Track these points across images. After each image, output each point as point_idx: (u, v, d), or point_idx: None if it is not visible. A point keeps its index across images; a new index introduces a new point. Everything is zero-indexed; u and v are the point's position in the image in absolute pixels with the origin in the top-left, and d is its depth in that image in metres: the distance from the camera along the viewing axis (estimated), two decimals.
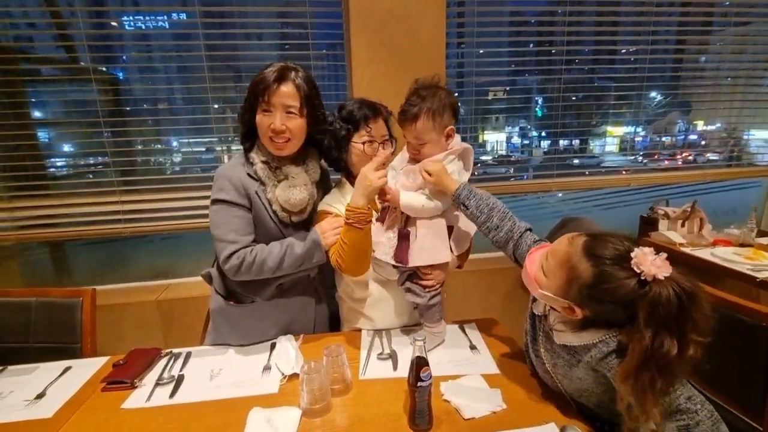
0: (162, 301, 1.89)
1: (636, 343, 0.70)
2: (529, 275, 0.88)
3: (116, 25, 1.95)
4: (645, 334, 0.68)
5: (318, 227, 1.15)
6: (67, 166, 2.08)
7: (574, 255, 0.78)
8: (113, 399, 1.01)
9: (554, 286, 0.81)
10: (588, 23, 2.23)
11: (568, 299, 0.80)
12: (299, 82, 1.09)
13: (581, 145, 2.51)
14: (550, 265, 0.83)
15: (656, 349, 0.67)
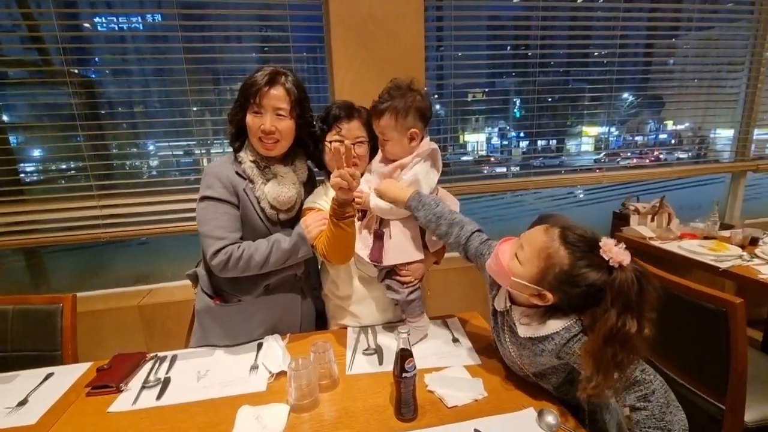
0: (144, 306, 1.87)
1: (602, 324, 0.76)
2: (500, 265, 0.89)
3: (89, 27, 1.92)
4: (611, 315, 0.75)
5: (302, 222, 1.17)
6: (43, 171, 2.03)
7: (552, 244, 0.83)
8: (99, 403, 1.00)
9: (529, 273, 0.85)
10: (561, 28, 2.31)
11: (541, 286, 0.84)
12: (289, 86, 1.12)
13: (558, 144, 2.60)
14: (526, 254, 0.86)
15: (620, 327, 0.74)
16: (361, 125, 1.21)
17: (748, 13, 2.40)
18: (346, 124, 1.19)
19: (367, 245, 1.17)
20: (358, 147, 1.20)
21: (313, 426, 0.90)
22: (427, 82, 2.01)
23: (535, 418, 0.87)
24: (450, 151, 2.47)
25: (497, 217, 2.49)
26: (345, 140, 1.18)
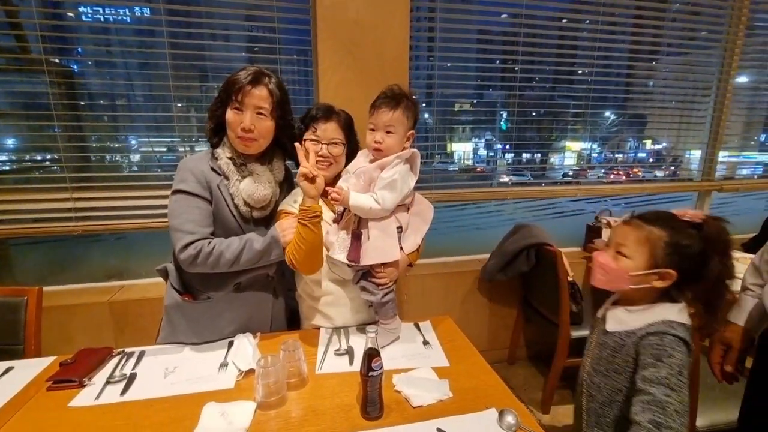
0: (114, 303, 1.83)
1: (709, 271, 0.88)
2: (612, 271, 0.94)
3: (72, 16, 1.89)
4: (715, 262, 0.87)
5: (278, 225, 1.18)
6: (16, 161, 1.98)
7: (643, 229, 0.92)
8: (59, 398, 0.98)
9: (641, 262, 0.91)
10: (548, 45, 2.39)
11: (658, 267, 0.90)
12: (272, 87, 1.14)
13: (542, 157, 2.68)
14: (629, 249, 0.93)
15: (723, 269, 0.88)
16: (338, 127, 1.24)
17: (717, 42, 2.53)
18: (323, 124, 1.21)
19: (345, 246, 1.18)
20: (332, 147, 1.22)
21: (279, 423, 0.90)
22: (414, 90, 2.06)
23: (495, 418, 0.89)
24: (437, 159, 2.52)
25: (476, 225, 2.53)
26: (320, 140, 1.20)
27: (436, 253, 2.37)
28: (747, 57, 2.56)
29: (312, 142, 1.20)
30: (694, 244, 0.88)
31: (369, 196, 1.15)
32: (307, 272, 1.21)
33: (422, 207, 1.29)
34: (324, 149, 1.21)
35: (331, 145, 1.21)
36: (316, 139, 1.20)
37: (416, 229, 1.26)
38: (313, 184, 1.11)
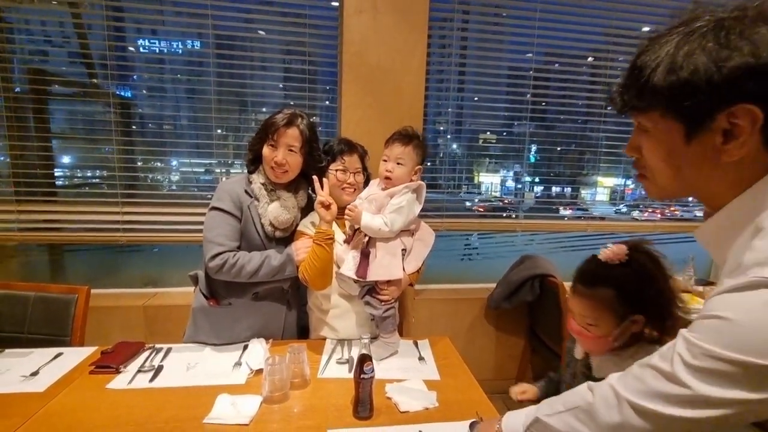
0: (148, 307, 2.02)
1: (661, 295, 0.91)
2: (592, 341, 0.97)
3: (133, 49, 2.20)
4: (659, 284, 0.90)
5: (293, 245, 1.35)
6: (77, 177, 2.27)
7: (587, 296, 0.95)
8: (99, 380, 1.15)
9: (608, 325, 0.93)
10: (581, 81, 2.48)
11: (624, 320, 0.91)
12: (303, 127, 1.34)
13: (572, 192, 2.75)
14: (589, 318, 0.95)
15: (654, 286, 0.90)
16: (358, 158, 1.42)
17: None
18: (348, 156, 1.40)
19: (354, 264, 1.33)
20: (357, 176, 1.41)
21: (281, 415, 1.02)
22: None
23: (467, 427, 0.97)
24: (464, 190, 2.67)
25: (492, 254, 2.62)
26: (348, 170, 1.38)
27: (443, 280, 2.46)
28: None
29: (341, 172, 1.38)
30: (634, 280, 0.91)
31: (380, 218, 1.30)
32: (318, 288, 1.36)
33: (425, 233, 1.43)
34: (351, 177, 1.38)
35: (356, 174, 1.39)
36: (344, 169, 1.38)
37: (418, 252, 1.39)
38: (328, 210, 1.29)
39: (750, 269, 0.48)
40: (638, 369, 0.58)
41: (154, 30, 2.29)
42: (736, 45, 0.48)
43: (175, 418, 1.00)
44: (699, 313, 0.53)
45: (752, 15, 0.50)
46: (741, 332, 0.47)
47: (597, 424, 0.61)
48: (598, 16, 2.34)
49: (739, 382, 0.47)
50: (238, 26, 2.11)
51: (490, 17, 2.36)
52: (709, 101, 0.51)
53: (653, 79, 0.53)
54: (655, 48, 0.54)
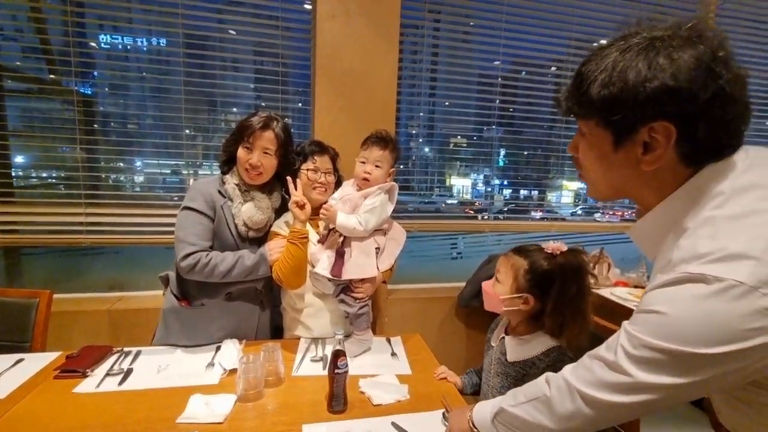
0: (113, 311, 1.96)
1: (555, 290, 1.05)
2: (489, 295, 1.16)
3: (95, 45, 2.12)
4: (558, 283, 1.05)
5: (267, 245, 1.37)
6: (36, 177, 2.17)
7: (510, 259, 1.13)
8: (65, 385, 1.12)
9: (508, 287, 1.11)
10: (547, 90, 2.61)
11: (520, 292, 1.09)
12: (278, 131, 1.36)
13: (539, 195, 2.89)
14: (501, 276, 1.14)
15: (566, 290, 1.05)
16: (329, 159, 1.45)
17: None
18: (319, 157, 1.43)
19: (329, 263, 1.35)
20: (328, 176, 1.44)
21: (256, 413, 1.04)
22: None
23: (441, 416, 1.03)
24: (436, 192, 2.74)
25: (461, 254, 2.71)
26: (319, 170, 1.41)
27: (414, 280, 2.53)
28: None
29: (312, 172, 1.41)
30: (547, 269, 1.06)
31: (354, 218, 1.34)
32: (292, 287, 1.38)
33: (396, 232, 1.48)
34: (323, 177, 1.41)
35: (327, 174, 1.42)
36: (315, 168, 1.41)
37: (391, 251, 1.44)
38: (302, 210, 1.31)
39: (677, 265, 0.54)
40: (588, 360, 0.65)
41: (120, 25, 2.23)
42: (660, 66, 0.54)
43: (146, 419, 1.00)
44: (638, 306, 0.60)
45: (684, 35, 0.56)
46: (672, 324, 0.53)
47: (553, 414, 0.67)
48: (560, 29, 2.48)
49: (672, 369, 0.53)
50: (209, 25, 2.09)
51: (459, 26, 2.46)
52: (633, 116, 0.57)
53: (590, 91, 0.59)
54: (596, 59, 0.60)
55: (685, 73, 0.53)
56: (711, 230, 0.53)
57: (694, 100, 0.53)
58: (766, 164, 0.58)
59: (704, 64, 0.53)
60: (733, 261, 0.50)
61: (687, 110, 0.54)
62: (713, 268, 0.50)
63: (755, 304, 0.48)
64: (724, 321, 0.49)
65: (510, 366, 1.13)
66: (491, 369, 1.20)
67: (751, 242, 0.50)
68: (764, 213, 0.52)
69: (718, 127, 0.55)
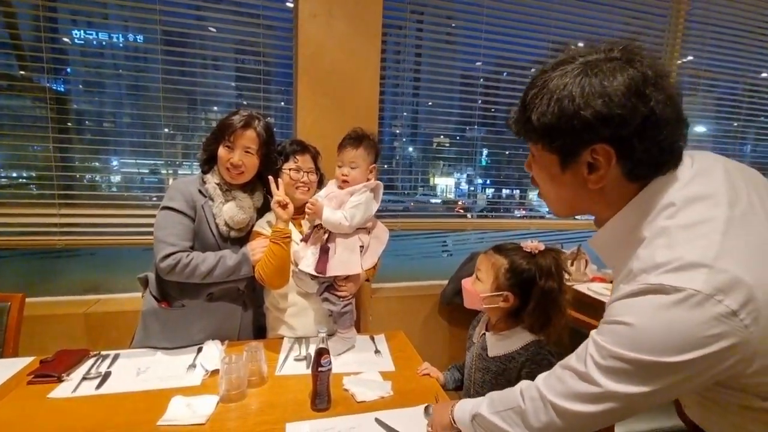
0: (90, 314, 1.91)
1: (536, 289, 1.09)
2: (470, 293, 1.17)
3: (68, 41, 2.05)
4: (539, 282, 1.08)
5: (249, 245, 1.36)
6: (6, 177, 2.09)
7: (491, 257, 1.15)
8: (39, 390, 1.09)
9: (488, 285, 1.13)
10: None
11: (500, 290, 1.11)
12: (260, 130, 1.35)
13: (521, 194, 2.95)
14: (481, 274, 1.16)
15: (546, 288, 1.08)
16: (310, 158, 1.45)
17: None
18: (301, 156, 1.43)
19: (314, 259, 1.36)
20: (311, 175, 1.44)
21: (239, 413, 1.03)
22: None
23: (422, 410, 1.04)
24: (420, 192, 2.76)
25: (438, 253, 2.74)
26: (301, 169, 1.40)
27: (398, 279, 2.55)
28: None
29: (294, 171, 1.40)
30: (526, 268, 1.10)
31: (340, 212, 1.35)
32: (275, 287, 1.38)
33: (379, 231, 1.49)
34: (305, 176, 1.41)
35: (309, 173, 1.42)
36: (297, 168, 1.41)
37: (374, 249, 1.45)
38: (285, 210, 1.31)
39: (638, 276, 0.56)
40: (560, 370, 0.67)
41: (94, 21, 2.17)
42: (593, 94, 0.56)
43: (126, 422, 0.98)
44: (604, 317, 0.62)
45: (616, 58, 0.58)
46: (637, 334, 0.55)
47: (527, 424, 0.69)
48: (539, 31, 2.54)
49: (639, 377, 0.55)
50: (188, 22, 2.05)
51: (441, 27, 2.49)
52: (573, 141, 0.60)
53: (532, 119, 0.63)
54: (536, 87, 0.63)
55: (617, 100, 0.55)
56: (667, 240, 0.56)
57: (626, 124, 0.56)
58: (709, 173, 0.61)
59: (634, 88, 0.55)
60: (688, 270, 0.52)
61: (621, 133, 0.57)
62: (671, 278, 0.53)
63: (711, 311, 0.50)
64: (685, 329, 0.51)
65: (491, 361, 1.16)
66: (473, 364, 1.23)
67: (704, 251, 0.52)
68: (712, 221, 0.55)
69: (653, 145, 0.58)
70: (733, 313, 0.50)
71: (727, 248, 0.52)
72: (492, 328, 1.21)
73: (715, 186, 0.58)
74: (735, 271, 0.50)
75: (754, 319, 0.50)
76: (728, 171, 0.61)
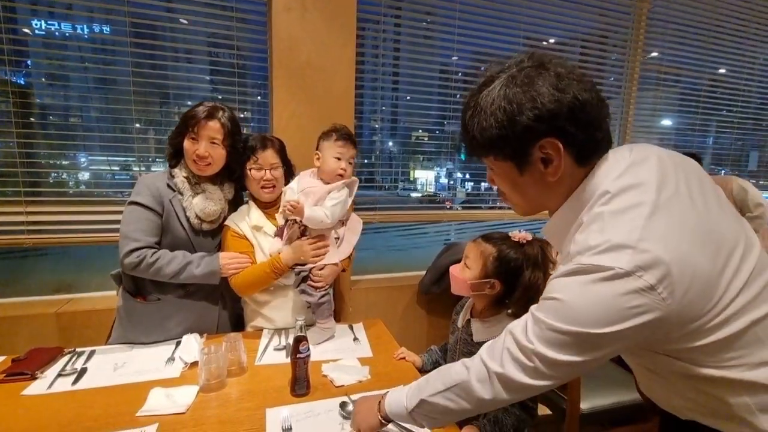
0: (62, 314, 1.87)
1: (522, 279, 1.13)
2: (457, 279, 1.20)
3: (28, 32, 1.97)
4: (526, 273, 1.12)
5: (220, 258, 1.35)
6: None
7: (480, 246, 1.19)
8: (12, 388, 1.08)
9: (477, 272, 1.17)
10: None
11: (488, 277, 1.15)
12: (224, 120, 1.34)
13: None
14: (470, 261, 1.19)
15: (532, 279, 1.12)
16: (274, 153, 1.44)
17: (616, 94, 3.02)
18: (261, 152, 1.42)
19: None
20: (274, 171, 1.43)
21: (219, 401, 1.05)
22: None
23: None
24: (401, 186, 2.79)
25: (416, 244, 2.80)
26: (263, 167, 1.41)
27: (378, 270, 2.59)
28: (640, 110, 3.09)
29: (255, 170, 1.41)
30: (514, 257, 1.15)
31: (321, 210, 1.37)
32: (247, 295, 1.43)
33: (354, 222, 1.52)
34: (268, 173, 1.41)
35: (272, 170, 1.42)
36: (258, 166, 1.41)
37: (349, 240, 1.49)
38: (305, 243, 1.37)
39: (574, 257, 0.62)
40: (506, 340, 0.69)
41: (56, 11, 2.09)
42: (522, 100, 0.63)
43: (104, 415, 0.99)
44: (543, 293, 0.66)
45: (529, 66, 0.65)
46: (570, 309, 0.60)
47: (474, 398, 0.71)
48: (512, 27, 2.61)
49: (575, 347, 0.61)
50: (158, 14, 2.01)
51: (416, 22, 2.52)
52: (520, 144, 0.66)
53: (476, 137, 0.68)
54: (472, 107, 0.68)
55: (543, 97, 0.63)
56: (600, 224, 0.62)
57: (558, 115, 0.63)
58: (643, 163, 0.67)
59: (554, 84, 0.63)
60: (615, 251, 0.58)
61: (557, 124, 0.63)
62: (600, 258, 0.58)
63: (633, 285, 0.56)
64: (610, 303, 0.57)
65: (475, 346, 1.21)
66: (456, 348, 1.28)
67: (629, 234, 0.58)
68: (639, 207, 0.61)
69: (587, 126, 0.64)
70: (651, 287, 0.56)
71: (649, 231, 0.58)
72: (477, 315, 1.25)
73: (647, 175, 0.65)
74: (655, 251, 0.56)
75: (670, 292, 0.56)
76: (661, 159, 0.68)
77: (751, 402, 0.63)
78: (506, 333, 0.70)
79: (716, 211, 0.66)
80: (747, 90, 3.30)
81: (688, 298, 0.57)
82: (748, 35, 3.16)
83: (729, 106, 3.31)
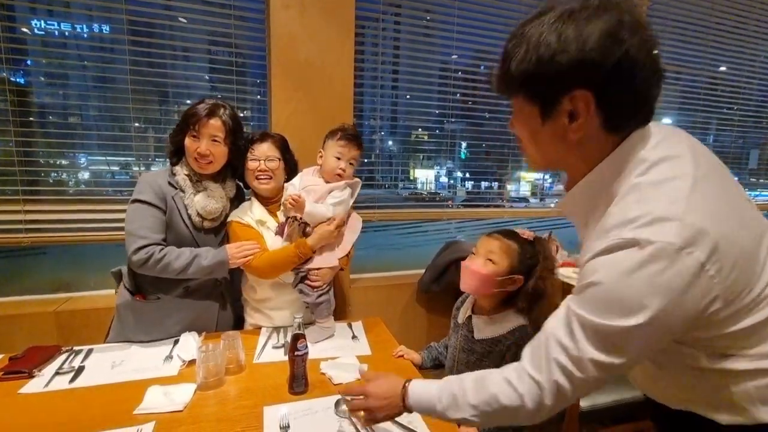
0: (60, 313, 1.86)
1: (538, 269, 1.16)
2: (481, 276, 1.15)
3: (27, 31, 1.97)
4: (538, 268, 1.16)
5: (228, 249, 1.34)
6: None
7: (504, 241, 1.18)
8: (9, 387, 1.07)
9: (503, 267, 1.16)
10: None
11: (512, 273, 1.15)
12: (225, 118, 1.33)
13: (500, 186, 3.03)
14: (495, 256, 1.17)
15: (546, 267, 1.16)
16: (272, 146, 1.44)
17: None
18: (259, 145, 1.42)
19: None
20: (269, 162, 1.42)
21: (217, 399, 1.05)
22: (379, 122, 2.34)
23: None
24: (401, 185, 2.79)
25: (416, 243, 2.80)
26: (259, 159, 1.40)
27: (377, 269, 2.59)
28: None
29: (251, 161, 1.40)
30: (533, 252, 1.17)
31: (322, 207, 1.37)
32: (268, 278, 1.40)
33: (354, 221, 1.52)
34: (262, 164, 1.41)
35: (267, 161, 1.41)
36: (255, 158, 1.41)
37: (348, 239, 1.48)
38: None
39: (611, 231, 0.57)
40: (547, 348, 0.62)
41: (56, 9, 2.09)
42: (568, 39, 0.56)
43: (102, 414, 0.98)
44: (580, 277, 0.61)
45: (593, 5, 0.58)
46: (611, 295, 0.55)
47: (522, 418, 0.66)
48: (513, 25, 2.56)
49: (621, 346, 0.56)
50: (156, 12, 2.00)
51: (416, 20, 2.52)
52: (552, 88, 0.60)
53: (512, 68, 0.62)
54: (518, 36, 0.62)
55: (591, 43, 0.56)
56: (638, 195, 0.58)
57: (600, 66, 0.56)
58: (673, 138, 0.65)
59: (608, 31, 0.56)
60: (659, 223, 0.54)
61: (597, 77, 0.57)
62: (644, 231, 0.54)
63: (684, 262, 0.52)
64: (660, 281, 0.53)
65: (477, 343, 1.21)
66: (457, 345, 1.27)
67: (672, 205, 0.54)
68: (680, 178, 0.57)
69: (629, 91, 0.58)
70: (701, 264, 0.53)
71: (693, 203, 0.55)
72: (480, 311, 1.25)
73: (682, 148, 0.62)
74: (701, 224, 0.53)
75: (717, 270, 0.53)
76: (689, 137, 0.67)
77: (755, 392, 0.61)
78: (550, 338, 0.63)
79: (744, 196, 0.65)
80: (747, 88, 3.29)
81: (732, 278, 0.55)
82: (749, 33, 3.15)
83: (729, 105, 3.30)
